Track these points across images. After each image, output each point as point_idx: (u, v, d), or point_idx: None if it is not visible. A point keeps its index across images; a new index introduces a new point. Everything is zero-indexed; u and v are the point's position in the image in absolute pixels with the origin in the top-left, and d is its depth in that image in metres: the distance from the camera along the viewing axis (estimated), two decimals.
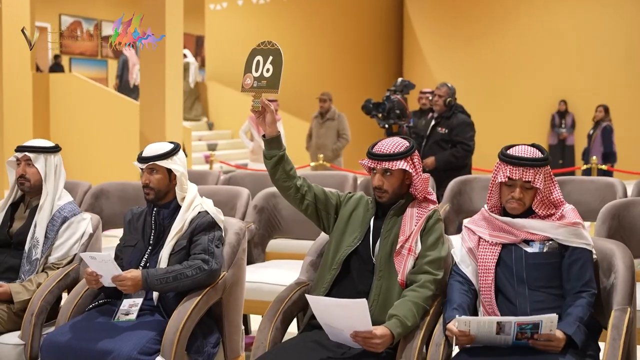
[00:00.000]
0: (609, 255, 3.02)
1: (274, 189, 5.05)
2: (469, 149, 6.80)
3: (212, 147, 15.30)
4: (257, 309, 4.28)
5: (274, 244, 5.13)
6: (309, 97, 16.91)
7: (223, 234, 3.54)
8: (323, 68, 17.13)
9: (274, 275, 4.49)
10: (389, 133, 6.87)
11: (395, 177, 3.14)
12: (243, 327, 3.79)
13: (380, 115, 6.96)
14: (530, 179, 2.96)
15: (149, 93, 9.62)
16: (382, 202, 3.18)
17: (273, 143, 3.18)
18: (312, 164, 9.66)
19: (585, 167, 8.67)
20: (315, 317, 2.97)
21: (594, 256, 2.99)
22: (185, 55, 16.33)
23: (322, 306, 2.81)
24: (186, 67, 16.13)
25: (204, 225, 3.46)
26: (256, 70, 3.17)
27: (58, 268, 3.74)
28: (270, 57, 3.14)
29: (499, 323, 2.70)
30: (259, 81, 3.15)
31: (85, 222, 3.89)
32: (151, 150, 3.54)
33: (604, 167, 8.38)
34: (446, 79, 9.06)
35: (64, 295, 3.80)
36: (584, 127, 14.67)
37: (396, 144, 3.15)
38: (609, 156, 10.73)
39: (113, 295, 3.46)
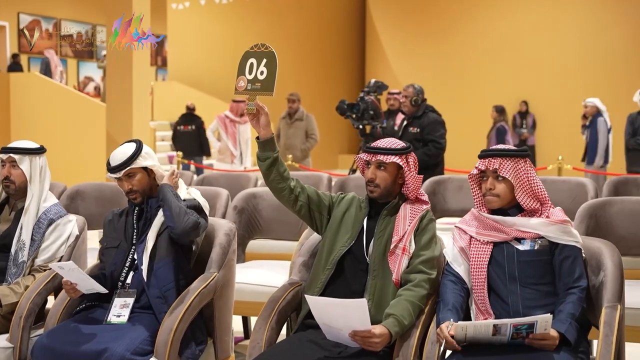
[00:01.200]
0: (597, 254, 3.09)
1: (253, 189, 5.10)
2: (441, 147, 6.90)
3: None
4: (238, 310, 4.30)
5: (254, 245, 5.16)
6: (272, 98, 16.95)
7: (207, 224, 3.56)
8: (286, 68, 17.08)
9: (255, 275, 4.52)
10: (363, 134, 6.93)
11: (388, 172, 3.19)
12: (232, 329, 3.80)
13: (354, 116, 7.01)
14: (496, 167, 3.03)
15: (115, 93, 9.55)
16: (373, 197, 3.22)
17: (267, 145, 3.21)
18: (295, 164, 9.65)
19: (551, 166, 8.80)
20: (314, 316, 3.01)
21: (583, 255, 3.07)
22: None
23: (322, 306, 2.84)
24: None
25: (191, 207, 3.47)
26: (249, 73, 3.18)
27: (45, 270, 3.73)
28: (264, 60, 3.17)
29: (495, 326, 2.75)
30: (253, 84, 3.17)
31: (71, 223, 3.87)
32: (118, 157, 3.49)
33: (568, 166, 8.51)
34: (408, 79, 9.18)
35: (49, 298, 3.79)
36: (544, 127, 14.92)
37: (393, 142, 3.24)
38: None
39: (101, 298, 3.46)
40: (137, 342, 3.16)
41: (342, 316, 2.81)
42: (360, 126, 7.04)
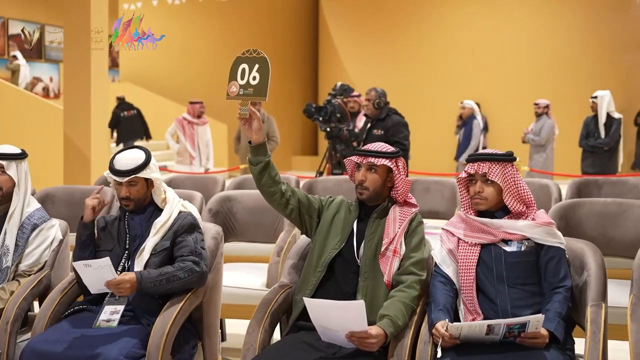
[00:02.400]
0: (580, 254, 3.21)
1: (228, 192, 5.13)
2: (405, 148, 7.01)
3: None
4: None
5: (229, 248, 5.17)
6: (223, 98, 16.90)
7: (203, 236, 3.59)
8: None
9: (232, 278, 4.55)
10: (330, 136, 6.99)
11: (378, 174, 3.26)
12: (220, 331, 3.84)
13: (321, 118, 7.07)
14: (485, 171, 3.13)
15: (73, 96, 9.43)
16: (362, 199, 3.29)
17: (259, 150, 3.25)
18: (242, 166, 9.67)
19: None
20: (306, 318, 3.07)
21: (567, 255, 3.18)
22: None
23: (319, 308, 2.90)
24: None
25: (187, 227, 3.50)
26: (242, 78, 3.23)
27: (29, 275, 3.71)
28: (257, 65, 3.22)
29: (489, 326, 2.84)
30: (245, 89, 3.21)
31: (55, 228, 3.87)
32: (126, 162, 3.49)
33: (526, 168, 8.70)
34: (361, 81, 9.29)
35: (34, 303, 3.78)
36: (496, 129, 15.17)
37: (384, 146, 3.33)
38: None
39: (90, 302, 3.46)
40: (130, 345, 3.17)
41: (339, 317, 2.87)
42: (328, 129, 7.10)
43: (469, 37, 15.72)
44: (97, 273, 3.25)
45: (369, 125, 7.24)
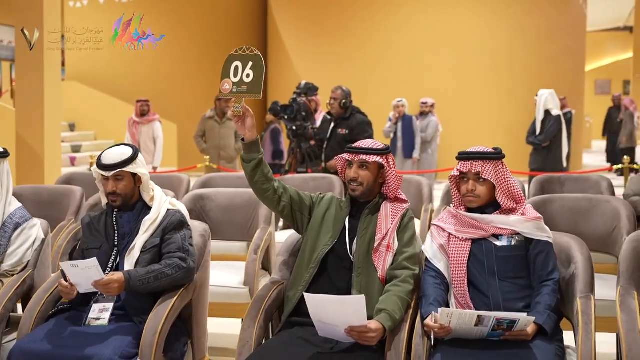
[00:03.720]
0: (567, 248, 3.30)
1: (202, 190, 5.12)
2: None
3: (76, 149, 14.93)
4: None
5: None
6: (174, 97, 16.80)
7: (192, 233, 3.59)
8: (187, 67, 17.05)
9: (210, 276, 4.54)
10: (295, 134, 7.02)
11: (370, 171, 3.31)
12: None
13: (286, 117, 7.09)
14: (478, 170, 3.20)
15: (26, 96, 9.27)
16: (355, 195, 3.32)
17: (252, 147, 3.27)
18: (200, 165, 9.61)
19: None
20: (299, 314, 3.10)
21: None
22: None
23: (319, 303, 2.92)
24: None
25: (175, 224, 3.50)
26: (235, 76, 3.23)
27: (12, 275, 3.66)
28: (250, 63, 3.23)
29: (479, 316, 2.90)
30: (239, 86, 3.22)
31: (37, 227, 3.82)
32: (113, 157, 3.50)
33: None
34: (311, 79, 9.30)
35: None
36: (447, 129, 15.34)
37: (374, 143, 3.37)
38: (277, 154, 11.62)
39: (77, 301, 3.43)
40: (124, 345, 3.15)
41: (339, 312, 2.90)
42: (294, 127, 7.13)
43: (417, 35, 15.86)
44: (85, 273, 3.22)
45: (332, 124, 7.27)
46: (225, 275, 4.61)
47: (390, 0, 16.19)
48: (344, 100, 7.15)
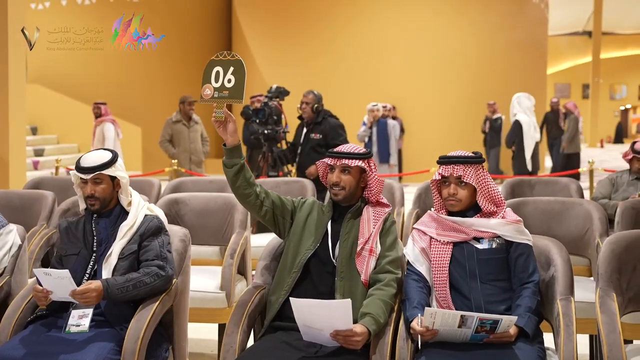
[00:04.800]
0: (546, 250, 3.34)
1: (176, 195, 5.09)
2: None
3: (39, 153, 14.76)
4: None
5: None
6: (138, 99, 16.68)
7: (170, 239, 3.57)
8: (151, 70, 16.93)
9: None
10: (266, 138, 7.00)
11: (352, 175, 3.32)
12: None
13: (258, 121, 7.08)
14: (460, 174, 3.23)
15: None
16: (337, 200, 3.34)
17: (234, 152, 3.26)
18: (168, 169, 9.53)
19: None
20: (294, 318, 3.10)
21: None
22: None
23: (305, 307, 2.93)
24: None
25: (153, 230, 3.48)
26: (216, 81, 3.22)
27: None
28: (231, 68, 3.22)
29: (462, 316, 2.93)
30: (220, 91, 3.21)
31: (13, 233, 3.78)
32: (92, 160, 3.48)
33: None
34: (275, 82, 9.32)
35: None
36: (410, 131, 15.45)
37: (355, 147, 3.38)
38: None
39: (55, 307, 3.40)
40: (105, 352, 3.12)
41: (324, 316, 2.91)
42: (266, 131, 7.12)
43: (384, 38, 15.95)
44: (57, 282, 3.20)
45: (305, 129, 7.27)
46: (201, 280, 4.59)
47: (353, 2, 16.25)
48: (315, 105, 7.15)
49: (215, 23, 18.43)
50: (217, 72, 3.23)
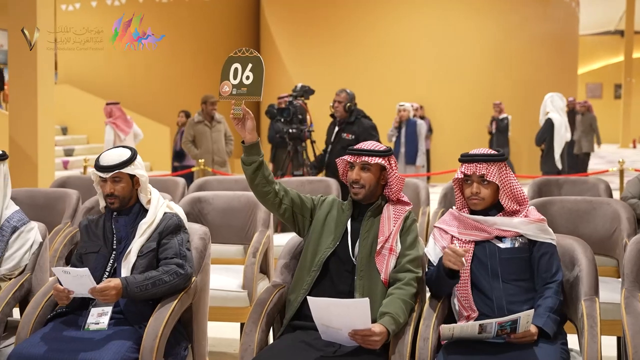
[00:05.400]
0: (570, 250, 3.27)
1: (199, 193, 5.08)
2: None
3: (68, 153, 14.86)
4: None
5: None
6: (167, 100, 16.75)
7: (189, 237, 3.55)
8: (180, 71, 16.99)
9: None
10: (292, 138, 6.98)
11: (372, 173, 3.28)
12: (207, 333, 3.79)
13: (283, 120, 7.05)
14: (483, 173, 3.18)
15: (19, 98, 9.21)
16: (357, 198, 3.29)
17: (253, 149, 3.23)
18: (207, 168, 9.52)
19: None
20: (301, 318, 3.07)
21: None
22: None
23: (323, 306, 2.89)
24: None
25: (172, 228, 3.47)
26: (234, 78, 3.20)
27: (10, 279, 3.62)
28: (250, 65, 3.19)
29: (481, 325, 2.88)
30: (239, 88, 3.18)
31: (34, 230, 3.79)
32: (111, 158, 3.47)
33: None
34: (304, 81, 9.27)
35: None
36: (438, 131, 15.36)
37: (376, 144, 3.33)
38: (180, 155, 11.79)
39: (75, 305, 3.39)
40: (123, 350, 3.11)
41: (343, 316, 2.87)
42: (291, 130, 7.09)
43: (411, 37, 15.88)
44: (76, 280, 3.19)
45: (336, 128, 7.20)
46: (224, 279, 4.58)
47: (381, 2, 16.19)
48: (348, 104, 7.08)
49: (243, 23, 18.45)
50: (236, 69, 3.21)
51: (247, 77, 3.18)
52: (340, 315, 2.87)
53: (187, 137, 9.83)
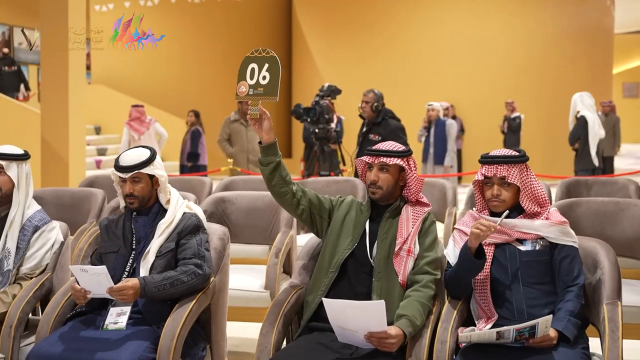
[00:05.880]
0: (593, 253, 3.21)
1: (222, 193, 5.08)
2: None
3: (101, 152, 15.00)
4: None
5: None
6: (198, 100, 16.83)
7: (208, 237, 3.55)
8: (213, 71, 17.06)
9: (230, 280, 4.49)
10: (317, 137, 6.96)
11: (390, 174, 3.25)
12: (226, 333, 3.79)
13: (309, 119, 7.04)
14: (504, 175, 3.13)
15: (51, 98, 9.31)
16: (375, 198, 3.27)
17: (270, 150, 3.22)
18: (224, 168, 9.56)
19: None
20: (318, 319, 3.05)
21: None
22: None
23: (338, 308, 2.87)
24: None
25: (191, 228, 3.46)
26: (251, 78, 3.18)
27: (31, 278, 3.65)
28: (266, 65, 3.17)
29: (498, 332, 2.83)
30: (255, 89, 3.17)
31: (56, 230, 3.81)
32: (131, 158, 3.47)
33: None
34: (335, 82, 9.23)
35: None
36: (470, 131, 15.25)
37: (394, 144, 3.30)
38: (193, 156, 11.92)
39: (94, 304, 3.41)
40: (141, 350, 3.11)
41: (358, 318, 2.84)
42: (316, 130, 7.07)
43: (442, 37, 15.78)
44: (94, 279, 3.20)
45: (364, 128, 7.18)
46: (246, 279, 4.58)
47: (413, 2, 16.12)
48: (375, 104, 7.04)
49: (275, 23, 18.49)
50: (252, 69, 3.19)
51: (264, 78, 3.17)
52: (355, 318, 2.85)
53: (222, 135, 9.88)
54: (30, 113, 10.64)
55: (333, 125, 7.35)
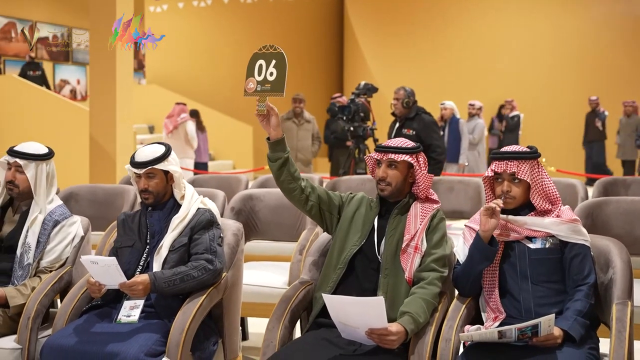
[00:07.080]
0: (606, 252, 3.15)
1: (250, 191, 5.11)
2: (444, 150, 6.96)
3: None
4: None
5: (251, 246, 5.16)
6: (250, 100, 16.96)
7: (222, 233, 3.57)
8: None
9: (254, 276, 4.53)
10: (353, 135, 6.95)
11: (399, 170, 3.23)
12: (240, 329, 3.81)
13: (344, 117, 7.03)
14: (514, 171, 3.08)
15: (99, 97, 9.49)
16: (384, 195, 3.25)
17: (278, 146, 3.23)
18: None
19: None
20: (326, 315, 3.04)
21: (591, 252, 3.12)
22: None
23: (338, 304, 2.87)
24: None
25: (204, 223, 3.49)
26: (259, 74, 3.20)
27: (51, 271, 3.72)
28: (274, 61, 3.19)
29: (500, 331, 2.79)
30: (263, 85, 3.18)
31: (76, 224, 3.87)
32: (145, 154, 3.52)
33: (552, 168, 8.59)
34: (386, 80, 9.24)
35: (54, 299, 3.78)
36: (528, 128, 15.04)
37: (404, 141, 3.29)
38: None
39: (109, 298, 3.46)
40: (150, 343, 3.16)
41: (359, 314, 2.83)
42: (352, 128, 7.06)
43: (494, 34, 15.62)
44: (104, 270, 3.24)
45: (397, 124, 7.18)
46: (271, 276, 4.59)
47: (465, 3, 15.98)
48: (406, 100, 7.04)
49: (327, 24, 18.51)
50: (260, 66, 3.22)
51: (271, 74, 3.19)
52: (356, 314, 2.84)
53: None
54: (80, 111, 10.85)
55: (369, 123, 7.32)
